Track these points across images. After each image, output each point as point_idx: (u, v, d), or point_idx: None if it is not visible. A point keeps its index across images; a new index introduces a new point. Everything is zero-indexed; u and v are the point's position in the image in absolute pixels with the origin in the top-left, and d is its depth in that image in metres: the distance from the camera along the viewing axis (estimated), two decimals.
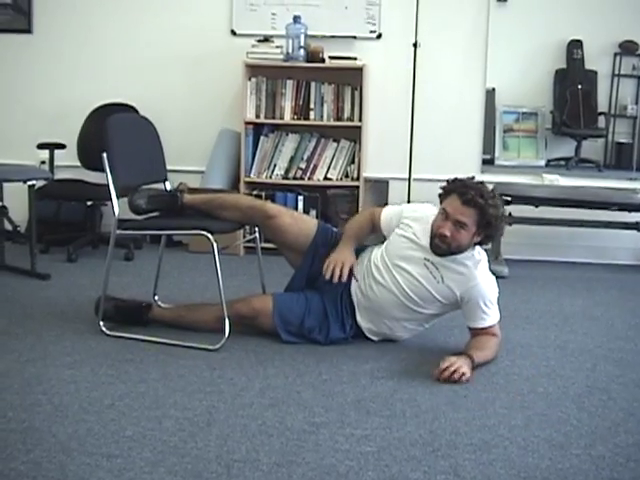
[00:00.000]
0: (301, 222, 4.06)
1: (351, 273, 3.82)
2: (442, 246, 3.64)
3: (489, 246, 4.39)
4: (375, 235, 4.02)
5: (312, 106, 6.09)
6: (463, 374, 3.38)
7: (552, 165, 6.51)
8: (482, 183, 3.70)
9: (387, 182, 6.25)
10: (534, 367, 3.66)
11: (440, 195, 3.75)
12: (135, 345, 3.75)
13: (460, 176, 3.75)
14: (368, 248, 4.00)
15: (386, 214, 3.97)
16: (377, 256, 3.88)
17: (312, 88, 6.08)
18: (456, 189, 3.66)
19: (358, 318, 3.89)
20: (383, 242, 3.94)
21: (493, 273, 3.79)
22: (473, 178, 3.73)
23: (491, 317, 3.68)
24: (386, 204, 5.03)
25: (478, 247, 3.75)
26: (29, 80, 6.49)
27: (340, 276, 3.77)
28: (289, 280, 4.08)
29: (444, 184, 3.75)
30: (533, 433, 2.91)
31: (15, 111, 6.53)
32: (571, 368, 3.66)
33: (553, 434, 2.90)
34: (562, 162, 6.57)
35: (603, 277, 5.70)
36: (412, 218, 3.86)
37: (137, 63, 6.39)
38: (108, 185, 3.88)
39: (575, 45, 6.32)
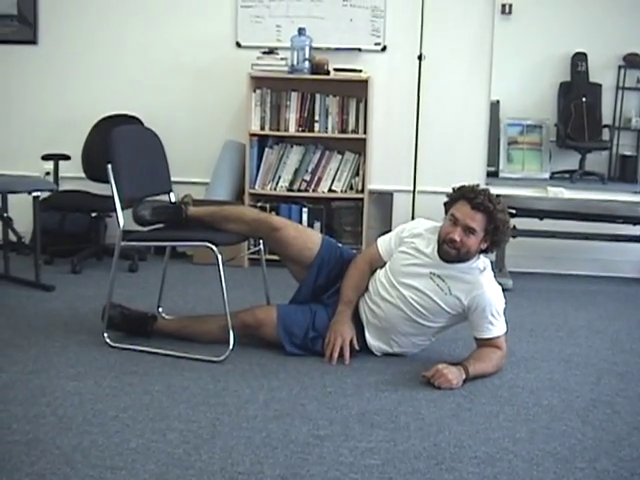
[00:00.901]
0: (305, 235, 4.06)
1: (352, 348, 3.82)
2: (451, 251, 3.64)
3: (493, 257, 4.39)
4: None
5: (317, 118, 6.10)
6: (447, 381, 3.43)
7: (556, 178, 6.51)
8: (487, 190, 3.71)
9: (391, 194, 6.25)
10: (538, 380, 3.66)
11: (446, 203, 3.76)
12: (139, 357, 3.76)
13: (466, 183, 3.76)
14: None
15: (383, 244, 3.97)
16: (381, 275, 3.89)
17: (317, 100, 6.09)
18: (464, 194, 3.66)
19: (367, 337, 3.89)
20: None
21: None
22: (478, 186, 3.73)
23: (497, 327, 3.67)
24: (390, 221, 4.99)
25: (482, 256, 3.76)
26: (34, 91, 6.51)
27: (342, 356, 3.78)
28: (294, 293, 4.08)
29: (450, 191, 3.76)
30: (537, 446, 2.91)
31: (20, 122, 6.55)
32: (575, 381, 3.66)
33: (557, 447, 2.90)
34: (566, 175, 6.56)
35: (608, 290, 5.70)
36: (412, 235, 3.87)
37: (142, 75, 6.41)
38: (113, 196, 3.89)
39: (579, 58, 6.33)
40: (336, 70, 5.99)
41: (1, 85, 6.55)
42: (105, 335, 3.94)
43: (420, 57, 6.03)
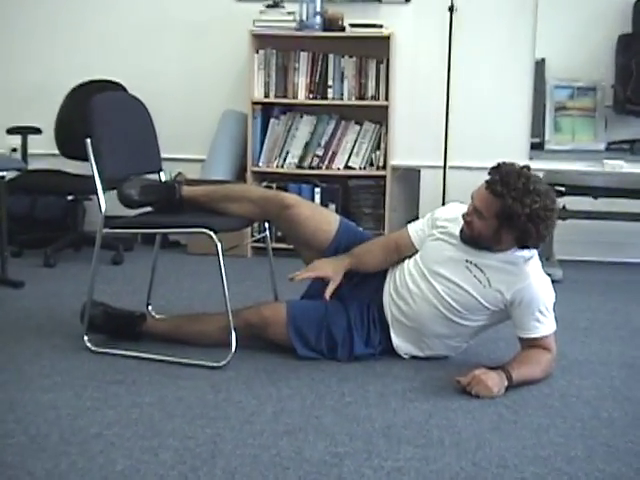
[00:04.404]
0: (321, 216, 4.05)
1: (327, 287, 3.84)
2: (466, 231, 3.65)
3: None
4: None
5: (330, 83, 6.10)
6: (486, 388, 3.41)
7: (613, 149, 6.47)
8: (527, 170, 3.61)
9: (419, 171, 6.25)
10: (596, 388, 3.64)
11: None
12: (126, 363, 3.75)
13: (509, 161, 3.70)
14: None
15: (414, 228, 3.95)
16: (410, 264, 3.87)
17: (330, 62, 6.09)
18: (490, 172, 3.63)
19: (393, 337, 3.88)
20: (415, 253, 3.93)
21: None
22: (513, 164, 3.63)
23: (545, 326, 3.64)
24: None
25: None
26: None
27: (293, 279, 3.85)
28: (307, 286, 4.08)
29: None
30: (597, 467, 2.87)
31: None
32: None
33: (621, 468, 2.87)
34: (625, 145, 6.53)
35: None
36: (445, 219, 3.85)
37: (125, 33, 6.40)
38: (93, 176, 3.88)
39: None
40: (352, 26, 5.99)
41: None
42: (85, 338, 3.94)
43: (451, 9, 6.01)
